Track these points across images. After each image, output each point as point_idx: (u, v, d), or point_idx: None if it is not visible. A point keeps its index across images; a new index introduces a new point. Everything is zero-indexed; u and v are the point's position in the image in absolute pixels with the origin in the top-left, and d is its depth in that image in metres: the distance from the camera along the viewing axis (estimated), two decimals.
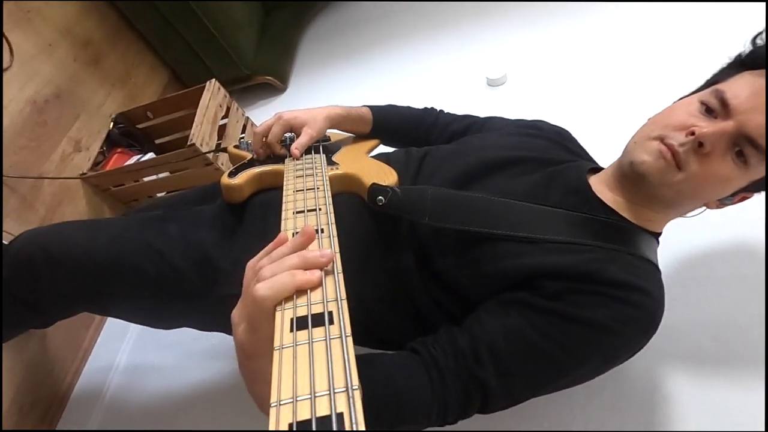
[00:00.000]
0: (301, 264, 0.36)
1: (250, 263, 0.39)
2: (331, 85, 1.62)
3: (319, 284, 0.35)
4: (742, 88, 0.50)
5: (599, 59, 1.24)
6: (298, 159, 0.67)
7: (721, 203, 0.57)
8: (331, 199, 0.51)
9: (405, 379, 0.47)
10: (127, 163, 1.33)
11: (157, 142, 1.48)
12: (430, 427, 0.48)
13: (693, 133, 0.49)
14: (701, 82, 0.60)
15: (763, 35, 0.54)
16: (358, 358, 0.30)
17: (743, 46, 0.56)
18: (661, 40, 1.21)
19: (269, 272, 0.36)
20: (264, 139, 0.70)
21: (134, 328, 1.18)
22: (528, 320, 0.48)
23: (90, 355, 1.18)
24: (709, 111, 0.51)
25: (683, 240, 0.82)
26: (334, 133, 0.82)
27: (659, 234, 0.60)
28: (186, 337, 1.03)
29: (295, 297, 0.35)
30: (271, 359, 0.30)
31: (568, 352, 0.48)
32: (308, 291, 0.35)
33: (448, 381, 0.47)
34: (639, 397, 0.72)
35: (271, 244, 0.40)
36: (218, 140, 1.28)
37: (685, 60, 1.12)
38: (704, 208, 0.58)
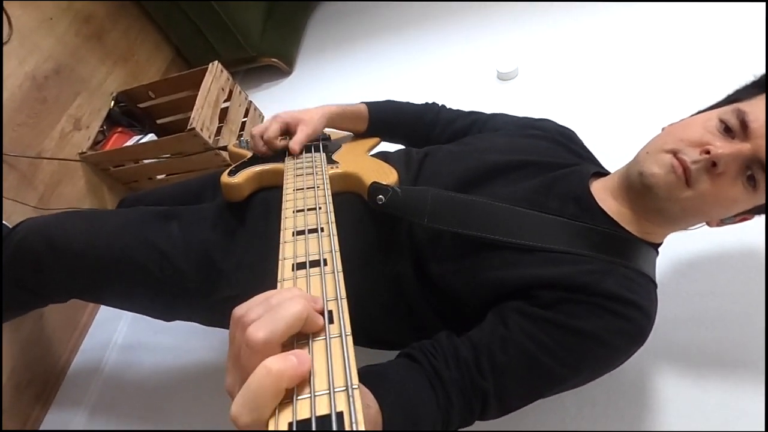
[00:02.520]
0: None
1: (235, 315, 0.28)
2: (337, 71, 1.59)
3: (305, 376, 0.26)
4: (763, 111, 0.49)
5: (612, 57, 1.23)
6: (297, 154, 0.66)
7: (722, 222, 0.57)
8: (331, 197, 0.51)
9: (415, 392, 0.45)
10: (127, 143, 1.32)
11: (159, 122, 1.46)
12: None
13: (708, 152, 0.48)
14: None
15: None
16: (366, 374, 0.29)
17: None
18: (671, 40, 1.19)
19: (257, 314, 0.27)
20: (262, 138, 0.69)
21: None
22: (525, 330, 0.49)
23: (87, 333, 1.19)
24: (727, 130, 0.50)
25: (683, 244, 0.81)
26: (334, 132, 0.80)
27: (659, 245, 0.60)
28: None
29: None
30: None
31: (563, 364, 0.48)
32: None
33: (452, 395, 0.46)
34: (636, 399, 0.73)
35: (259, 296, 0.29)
36: (219, 124, 1.27)
37: (693, 61, 1.10)
38: (704, 224, 0.58)
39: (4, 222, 0.97)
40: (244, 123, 1.38)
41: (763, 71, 0.55)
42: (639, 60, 1.18)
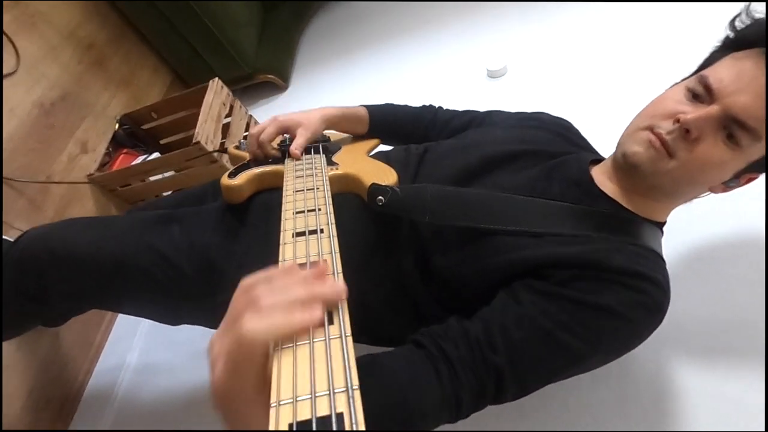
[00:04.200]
0: (306, 297, 0.31)
1: (245, 284, 0.33)
2: (332, 83, 1.61)
3: (322, 324, 0.31)
4: (725, 72, 0.50)
5: (600, 51, 1.23)
6: (298, 159, 0.67)
7: (727, 186, 0.56)
8: (330, 199, 0.51)
9: (411, 383, 0.44)
10: (133, 163, 1.34)
11: (162, 142, 1.49)
12: (442, 425, 0.46)
13: (679, 120, 0.49)
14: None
15: (742, 17, 0.53)
16: (357, 363, 0.29)
17: (725, 30, 0.55)
18: (662, 34, 1.19)
19: (267, 301, 0.30)
20: (258, 141, 0.69)
21: (144, 327, 1.20)
22: (539, 307, 0.48)
23: (101, 353, 1.20)
24: (696, 97, 0.51)
25: (687, 232, 0.80)
26: (334, 134, 0.81)
27: (663, 224, 0.60)
28: (195, 334, 1.03)
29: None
30: (255, 405, 0.29)
31: (580, 339, 0.47)
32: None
33: (461, 374, 0.45)
34: (641, 391, 0.72)
35: (275, 270, 0.34)
36: (222, 139, 1.29)
37: (685, 55, 1.08)
38: (708, 192, 0.57)
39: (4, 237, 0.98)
40: (245, 137, 1.40)
41: (724, 37, 0.56)
42: (629, 56, 1.18)
